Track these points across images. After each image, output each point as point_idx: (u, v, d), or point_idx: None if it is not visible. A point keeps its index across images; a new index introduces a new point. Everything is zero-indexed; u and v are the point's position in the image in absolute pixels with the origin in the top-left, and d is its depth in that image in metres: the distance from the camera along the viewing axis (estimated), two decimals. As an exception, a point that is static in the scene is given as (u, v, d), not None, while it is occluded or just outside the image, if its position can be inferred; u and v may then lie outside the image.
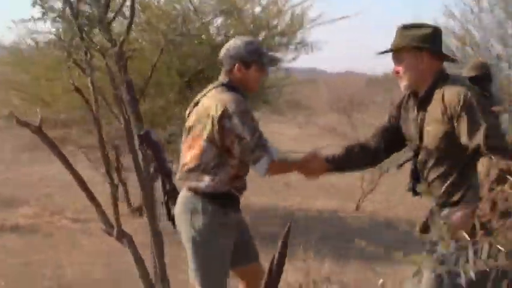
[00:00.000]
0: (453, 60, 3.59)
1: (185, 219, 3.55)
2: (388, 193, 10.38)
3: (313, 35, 12.18)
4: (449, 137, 3.27)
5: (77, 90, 4.37)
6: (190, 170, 3.53)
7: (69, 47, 4.02)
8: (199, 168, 3.50)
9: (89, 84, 4.21)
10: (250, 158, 3.42)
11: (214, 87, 3.59)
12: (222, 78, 3.59)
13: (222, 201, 3.52)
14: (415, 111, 3.42)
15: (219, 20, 7.62)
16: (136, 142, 3.99)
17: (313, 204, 9.90)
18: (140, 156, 4.15)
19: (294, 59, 7.93)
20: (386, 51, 3.46)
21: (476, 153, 3.20)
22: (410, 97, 3.49)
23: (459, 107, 3.18)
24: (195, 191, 3.52)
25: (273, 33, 7.67)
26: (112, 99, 4.42)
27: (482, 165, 3.27)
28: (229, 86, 3.56)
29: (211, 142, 3.45)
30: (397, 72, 3.41)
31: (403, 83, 3.41)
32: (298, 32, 7.65)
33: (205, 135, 3.46)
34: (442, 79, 3.35)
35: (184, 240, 3.59)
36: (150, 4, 7.28)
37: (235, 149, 3.44)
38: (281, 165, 3.58)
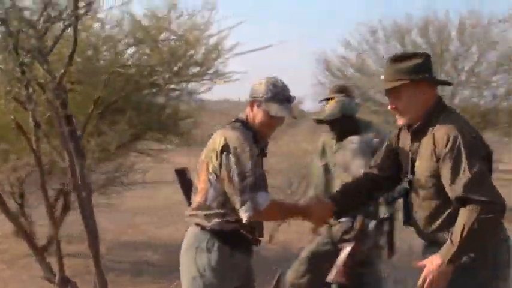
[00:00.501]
0: (449, 84, 3.54)
1: (189, 255, 3.40)
2: (298, 224, 10.38)
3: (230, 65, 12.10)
4: (437, 176, 3.16)
5: (18, 126, 4.06)
6: (199, 206, 3.38)
7: (10, 80, 3.73)
8: (207, 204, 3.35)
9: (30, 119, 3.93)
10: (235, 201, 3.24)
11: (229, 123, 3.46)
12: (242, 114, 3.48)
13: (231, 240, 3.34)
14: (410, 142, 3.32)
15: (132, 50, 7.39)
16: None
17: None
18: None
19: (209, 89, 7.76)
20: (392, 86, 3.24)
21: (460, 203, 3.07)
22: (405, 127, 3.37)
23: (445, 149, 3.07)
24: (202, 227, 3.36)
25: (189, 64, 7.51)
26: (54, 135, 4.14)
27: None
28: (243, 124, 3.42)
29: (217, 177, 3.30)
30: (395, 108, 3.27)
31: (404, 118, 3.28)
32: (215, 62, 7.50)
33: (210, 169, 3.32)
34: (439, 110, 3.22)
35: (183, 279, 3.42)
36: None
37: (225, 187, 3.27)
38: (274, 213, 3.38)
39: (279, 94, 3.40)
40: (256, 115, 3.40)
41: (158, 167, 8.73)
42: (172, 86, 7.62)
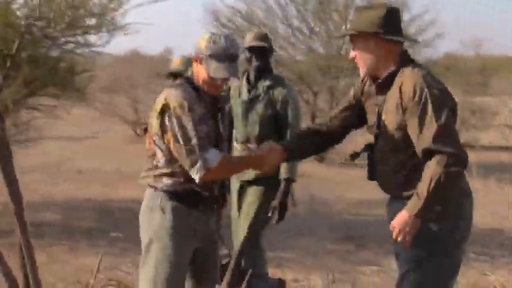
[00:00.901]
0: (414, 41, 3.41)
1: (144, 217, 3.25)
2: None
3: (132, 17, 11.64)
4: (403, 129, 3.12)
5: None
6: (148, 167, 3.24)
7: None
8: (154, 164, 3.21)
9: None
10: (185, 162, 3.11)
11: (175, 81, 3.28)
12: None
13: (186, 200, 3.20)
14: (375, 96, 3.25)
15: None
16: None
17: (116, 194, 9.40)
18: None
19: (107, 42, 7.43)
20: (341, 36, 3.32)
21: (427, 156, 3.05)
22: (369, 80, 3.29)
23: (412, 101, 3.02)
24: (155, 188, 3.21)
25: (84, 15, 7.17)
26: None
27: None
28: (188, 81, 3.25)
29: (159, 137, 3.16)
30: (353, 58, 3.22)
31: (360, 69, 3.22)
32: (112, 14, 7.19)
33: (153, 130, 3.17)
34: (404, 64, 3.15)
35: (142, 241, 3.26)
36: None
37: (171, 149, 3.12)
38: (226, 168, 3.24)
39: (219, 52, 3.17)
40: (199, 72, 3.22)
41: (54, 122, 8.42)
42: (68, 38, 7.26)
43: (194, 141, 3.08)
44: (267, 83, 4.50)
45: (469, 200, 3.26)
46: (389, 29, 3.15)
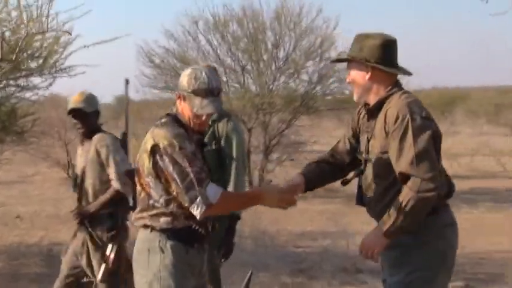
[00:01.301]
0: (407, 73, 3.40)
1: (141, 260, 3.11)
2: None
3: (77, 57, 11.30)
4: (386, 154, 3.15)
5: None
6: (143, 208, 3.12)
7: None
8: (151, 205, 3.08)
9: None
10: (184, 199, 2.97)
11: (159, 119, 3.15)
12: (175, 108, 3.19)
13: (184, 237, 3.08)
14: (366, 121, 3.29)
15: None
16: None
17: (58, 237, 8.98)
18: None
19: (50, 84, 7.17)
20: (338, 61, 3.59)
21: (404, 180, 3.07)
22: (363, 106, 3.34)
23: (394, 126, 3.05)
24: (152, 228, 3.07)
25: (23, 57, 6.89)
26: None
27: None
28: (173, 118, 3.13)
29: (154, 178, 3.05)
30: (349, 82, 3.32)
31: (354, 94, 3.30)
32: (56, 56, 6.94)
33: (146, 171, 3.05)
34: (394, 91, 3.19)
35: (137, 286, 3.13)
36: None
37: (171, 187, 3.01)
38: (226, 203, 3.11)
39: (201, 87, 3.08)
40: (183, 109, 3.13)
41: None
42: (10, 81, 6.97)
43: (191, 176, 2.96)
44: (212, 117, 4.31)
45: (452, 229, 3.25)
46: (383, 59, 3.20)
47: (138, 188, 3.15)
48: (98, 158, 4.35)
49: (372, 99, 3.24)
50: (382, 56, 3.21)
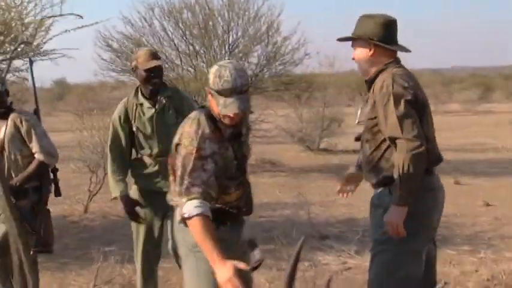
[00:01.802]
0: (406, 50, 3.51)
1: (179, 234, 3.10)
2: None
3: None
4: (371, 120, 3.34)
5: None
6: (173, 191, 3.04)
7: None
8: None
9: None
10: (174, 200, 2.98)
11: (196, 111, 3.06)
12: None
13: (214, 217, 2.94)
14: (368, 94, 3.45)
15: None
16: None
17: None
18: None
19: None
20: (345, 39, 3.48)
21: (393, 143, 3.24)
22: None
23: (379, 94, 3.24)
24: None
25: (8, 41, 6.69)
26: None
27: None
28: (206, 113, 3.00)
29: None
30: (353, 58, 3.46)
31: (359, 69, 3.48)
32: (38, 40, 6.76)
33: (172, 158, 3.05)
34: (390, 66, 3.35)
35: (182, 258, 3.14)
36: None
37: None
38: (193, 230, 2.85)
39: (226, 87, 2.87)
40: (212, 105, 2.96)
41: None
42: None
43: (184, 185, 2.87)
44: (168, 93, 4.31)
45: (432, 193, 3.39)
46: (384, 37, 3.37)
47: (169, 168, 3.08)
48: (18, 133, 4.29)
49: (370, 74, 3.41)
50: (384, 34, 3.37)
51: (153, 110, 4.25)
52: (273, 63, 12.49)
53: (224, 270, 2.70)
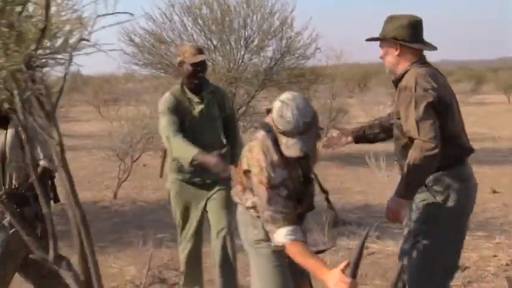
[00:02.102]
0: (432, 48, 3.53)
1: (241, 229, 3.19)
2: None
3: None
4: (399, 120, 3.37)
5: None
6: (239, 190, 3.15)
7: None
8: (244, 188, 3.11)
9: None
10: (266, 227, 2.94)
11: (262, 126, 3.01)
12: None
13: None
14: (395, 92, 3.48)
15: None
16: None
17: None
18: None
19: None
20: (372, 39, 3.51)
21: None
22: None
23: (403, 96, 3.27)
24: (243, 205, 3.11)
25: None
26: None
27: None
28: (274, 138, 2.89)
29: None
30: (381, 57, 3.50)
31: (386, 67, 3.51)
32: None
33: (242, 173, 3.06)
34: (416, 65, 3.38)
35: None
36: None
37: None
38: (294, 255, 2.83)
39: (287, 128, 2.74)
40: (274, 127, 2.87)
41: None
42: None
43: (268, 213, 2.84)
44: (211, 88, 4.37)
45: (465, 184, 3.42)
46: (410, 37, 3.40)
47: (235, 177, 3.14)
48: (19, 141, 3.89)
49: (399, 72, 3.44)
50: (409, 34, 3.40)
51: (202, 105, 4.28)
52: (286, 57, 12.47)
53: (332, 276, 2.66)
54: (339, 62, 16.04)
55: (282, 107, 2.73)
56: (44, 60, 3.74)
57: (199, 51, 4.27)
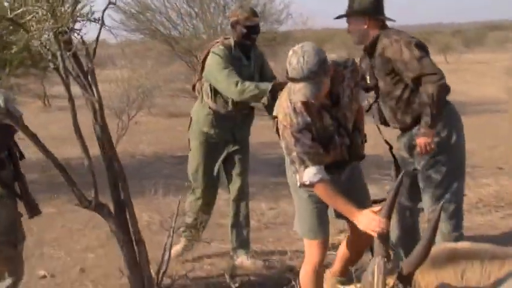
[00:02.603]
0: (392, 20, 3.64)
1: (288, 175, 3.18)
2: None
3: None
4: (390, 74, 3.48)
5: None
6: None
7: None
8: None
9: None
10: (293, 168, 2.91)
11: None
12: None
13: None
14: (367, 59, 3.60)
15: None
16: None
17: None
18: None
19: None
20: (342, 16, 3.58)
21: (416, 83, 3.42)
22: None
23: (391, 51, 3.42)
24: None
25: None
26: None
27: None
28: None
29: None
30: (349, 31, 3.59)
31: (353, 39, 3.62)
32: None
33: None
34: (383, 34, 3.51)
35: None
36: None
37: None
38: (321, 194, 2.84)
39: (293, 74, 2.73)
40: None
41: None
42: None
43: (294, 154, 2.84)
44: (258, 52, 4.30)
45: (458, 118, 3.63)
46: (377, 11, 3.56)
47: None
48: None
49: (368, 41, 3.55)
50: (376, 8, 3.54)
51: (250, 67, 4.18)
52: (261, 22, 12.44)
53: (364, 217, 2.65)
54: (305, 27, 16.04)
55: (291, 55, 2.73)
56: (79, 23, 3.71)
57: (254, 13, 4.15)
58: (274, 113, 3.00)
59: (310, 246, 3.09)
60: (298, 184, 2.86)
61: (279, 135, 2.95)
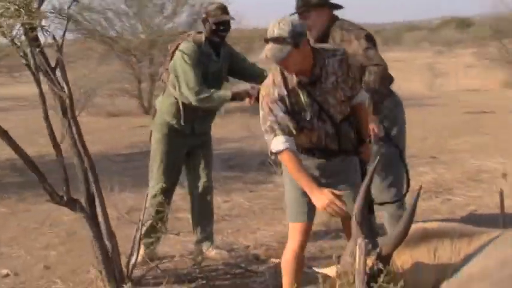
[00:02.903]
0: (340, 7, 3.74)
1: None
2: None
3: None
4: None
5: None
6: None
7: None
8: None
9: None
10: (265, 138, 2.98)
11: None
12: None
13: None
14: None
15: None
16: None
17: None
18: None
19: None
20: (303, 11, 3.58)
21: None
22: None
23: (346, 34, 3.54)
24: None
25: None
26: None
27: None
28: None
29: None
30: (309, 28, 3.43)
31: (312, 35, 3.55)
32: None
33: None
34: (336, 25, 3.62)
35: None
36: None
37: None
38: (285, 163, 2.89)
39: (266, 36, 2.84)
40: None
41: None
42: None
43: (265, 126, 2.89)
44: (228, 49, 4.20)
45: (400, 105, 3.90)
46: (330, 3, 3.70)
47: None
48: None
49: (318, 33, 3.63)
50: (324, 3, 3.65)
51: (219, 63, 4.12)
52: (198, 22, 12.43)
53: (322, 196, 2.71)
54: (240, 26, 16.06)
55: (273, 20, 2.84)
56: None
57: (224, 10, 4.06)
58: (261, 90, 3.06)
59: (291, 229, 3.09)
60: (269, 153, 2.90)
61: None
